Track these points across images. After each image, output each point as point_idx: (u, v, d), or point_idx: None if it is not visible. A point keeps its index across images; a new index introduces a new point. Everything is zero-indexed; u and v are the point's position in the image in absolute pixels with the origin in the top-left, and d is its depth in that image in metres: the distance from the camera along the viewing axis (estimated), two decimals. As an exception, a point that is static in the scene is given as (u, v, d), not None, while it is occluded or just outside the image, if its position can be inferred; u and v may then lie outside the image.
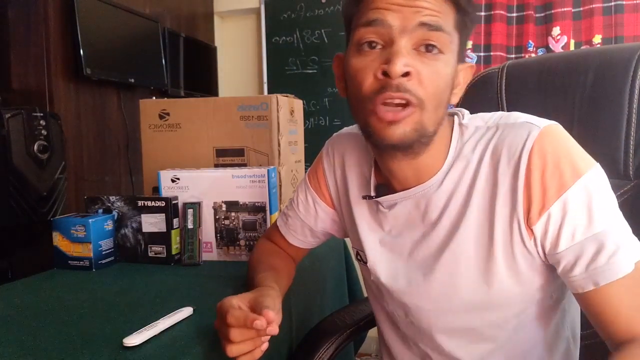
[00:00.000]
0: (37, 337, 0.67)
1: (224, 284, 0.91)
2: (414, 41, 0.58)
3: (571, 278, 0.58)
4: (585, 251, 0.57)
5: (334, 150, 0.82)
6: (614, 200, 0.59)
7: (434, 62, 0.58)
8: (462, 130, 0.66)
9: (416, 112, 0.58)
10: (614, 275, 0.55)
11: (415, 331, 0.74)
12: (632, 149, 0.79)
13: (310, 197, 0.85)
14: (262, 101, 1.21)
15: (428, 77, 0.58)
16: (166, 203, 1.04)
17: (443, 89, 0.60)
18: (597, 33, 2.33)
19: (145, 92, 2.26)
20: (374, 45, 0.59)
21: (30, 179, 1.18)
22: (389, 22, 0.57)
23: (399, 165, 0.66)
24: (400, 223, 0.71)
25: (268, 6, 2.94)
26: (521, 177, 0.59)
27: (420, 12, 0.57)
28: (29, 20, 1.76)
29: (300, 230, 0.88)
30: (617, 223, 0.57)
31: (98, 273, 1.00)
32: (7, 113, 1.15)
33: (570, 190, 0.57)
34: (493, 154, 0.63)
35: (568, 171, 0.57)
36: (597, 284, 0.56)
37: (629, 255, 0.55)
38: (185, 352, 0.63)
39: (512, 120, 0.64)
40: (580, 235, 0.57)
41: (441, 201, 0.66)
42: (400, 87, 0.57)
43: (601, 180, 0.58)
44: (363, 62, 0.60)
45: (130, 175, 2.15)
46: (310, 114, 2.90)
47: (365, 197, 0.74)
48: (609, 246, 0.55)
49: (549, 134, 0.60)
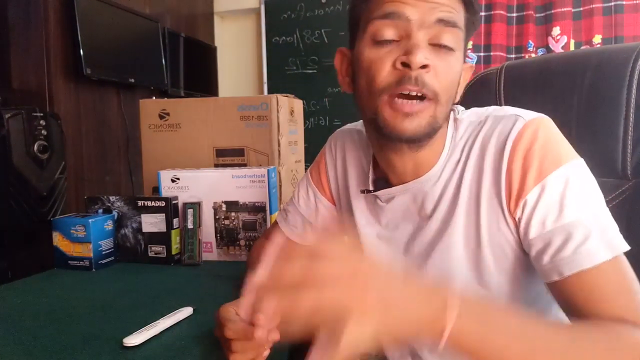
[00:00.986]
0: (37, 337, 0.68)
1: (224, 284, 0.91)
2: (430, 36, 0.59)
3: (540, 266, 0.58)
4: (553, 241, 0.56)
5: (337, 145, 0.83)
6: (595, 193, 0.58)
7: (447, 57, 0.59)
8: (457, 125, 0.68)
9: (431, 105, 0.59)
10: (577, 266, 0.54)
11: None
12: (630, 148, 0.79)
13: (311, 191, 0.86)
14: (262, 101, 1.21)
15: (443, 71, 0.59)
16: (166, 203, 1.04)
17: (454, 84, 0.62)
18: (597, 33, 2.33)
19: (145, 92, 2.26)
20: (389, 40, 0.59)
21: (30, 179, 1.18)
22: (407, 15, 0.58)
23: (401, 159, 0.66)
24: (397, 216, 0.71)
25: (268, 6, 2.94)
26: (504, 165, 0.60)
27: (437, 7, 0.58)
28: (29, 20, 1.76)
29: (300, 225, 0.88)
30: (594, 215, 0.56)
31: (98, 273, 1.00)
32: (7, 113, 1.15)
33: (547, 179, 0.57)
34: (481, 145, 0.64)
35: (548, 160, 0.57)
36: (561, 274, 0.55)
37: (599, 247, 0.54)
38: (185, 352, 0.63)
39: (502, 113, 0.65)
40: (550, 224, 0.57)
41: (436, 194, 0.67)
42: (418, 80, 0.57)
43: (582, 173, 0.58)
44: (379, 54, 0.60)
45: (130, 175, 2.15)
46: (310, 114, 2.90)
47: (363, 191, 0.75)
48: (577, 237, 0.55)
49: (533, 124, 0.60)
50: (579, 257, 0.54)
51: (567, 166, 0.57)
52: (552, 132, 0.60)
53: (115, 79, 2.02)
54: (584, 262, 0.54)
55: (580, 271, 0.54)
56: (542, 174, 0.57)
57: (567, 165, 0.57)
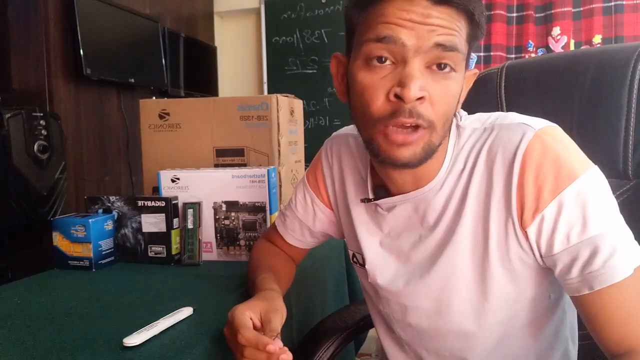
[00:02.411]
0: (37, 337, 0.67)
1: (224, 284, 0.91)
2: (427, 60, 0.56)
3: (567, 281, 0.58)
4: (580, 254, 0.56)
5: (332, 150, 0.82)
6: (613, 203, 0.58)
7: (445, 81, 0.57)
8: (460, 133, 0.66)
9: (426, 133, 0.58)
10: (609, 279, 0.54)
11: (412, 333, 0.74)
12: (631, 148, 0.79)
13: (308, 196, 0.85)
14: (262, 101, 1.21)
15: (439, 97, 0.57)
16: (166, 203, 1.04)
17: (452, 106, 0.60)
18: (597, 33, 2.33)
19: (145, 92, 2.26)
20: (384, 59, 0.56)
21: (30, 179, 1.18)
22: (403, 40, 0.54)
23: (400, 175, 0.65)
24: (399, 225, 0.70)
25: (268, 6, 2.94)
26: (515, 178, 0.59)
27: (435, 30, 0.54)
28: (29, 20, 1.76)
29: (299, 230, 0.88)
30: (615, 227, 0.56)
31: (98, 273, 1.00)
32: (7, 113, 1.15)
33: (564, 192, 0.56)
34: (488, 156, 0.62)
35: (563, 173, 0.56)
36: (591, 287, 0.55)
37: (626, 259, 0.55)
38: (185, 352, 0.63)
39: (509, 121, 0.63)
40: (575, 238, 0.56)
41: (439, 205, 0.66)
42: (413, 112, 0.55)
43: (599, 182, 0.58)
44: (373, 80, 0.57)
45: (130, 175, 2.15)
46: (310, 114, 2.90)
47: (363, 200, 0.74)
48: (605, 250, 0.55)
49: (544, 135, 0.59)
50: (609, 270, 0.55)
51: (584, 177, 0.56)
52: (563, 142, 0.59)
53: (115, 79, 2.02)
54: (615, 276, 0.54)
55: (611, 284, 0.55)
56: (559, 187, 0.56)
57: (583, 177, 0.56)
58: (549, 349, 0.70)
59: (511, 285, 0.63)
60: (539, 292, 0.65)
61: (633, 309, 0.55)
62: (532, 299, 0.65)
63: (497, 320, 0.66)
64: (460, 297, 0.65)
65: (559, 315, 0.70)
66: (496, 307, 0.65)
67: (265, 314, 0.64)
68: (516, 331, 0.68)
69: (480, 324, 0.66)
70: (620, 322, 0.55)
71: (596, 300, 0.56)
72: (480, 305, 0.65)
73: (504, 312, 0.65)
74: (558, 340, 0.70)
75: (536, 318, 0.67)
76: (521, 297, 0.65)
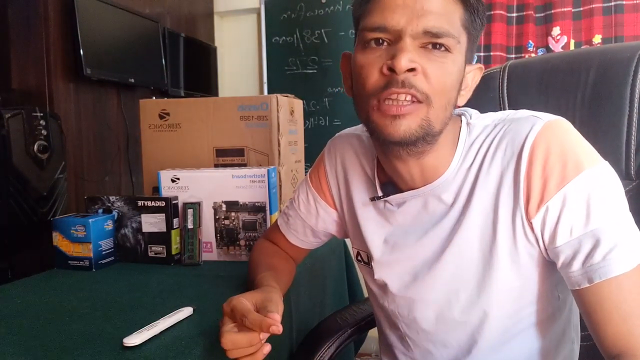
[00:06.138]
0: (37, 337, 0.67)
1: (224, 284, 0.91)
2: (420, 42, 0.58)
3: (569, 274, 0.58)
4: (582, 247, 0.56)
5: (336, 151, 0.82)
6: (620, 199, 0.58)
7: (440, 59, 0.58)
8: (470, 130, 0.66)
9: (422, 107, 0.58)
10: (607, 272, 0.54)
11: (417, 329, 0.73)
12: (634, 148, 0.79)
13: (311, 196, 0.85)
14: (262, 101, 1.21)
15: (434, 73, 0.58)
16: (166, 203, 1.04)
17: (450, 87, 0.60)
18: (597, 33, 2.33)
19: (145, 92, 2.26)
20: (381, 41, 0.59)
21: (30, 179, 1.18)
22: (394, 25, 0.57)
23: (405, 165, 0.65)
24: (408, 220, 0.71)
25: (268, 6, 2.93)
26: (522, 169, 0.59)
27: (425, 16, 0.56)
28: (29, 20, 1.76)
29: (301, 229, 0.88)
30: (620, 222, 0.56)
31: (98, 273, 1.00)
32: (7, 113, 1.15)
33: (570, 184, 0.56)
34: (497, 147, 0.63)
35: (570, 165, 0.57)
36: (591, 280, 0.55)
37: (626, 255, 0.55)
38: (185, 352, 0.63)
39: (519, 115, 0.64)
40: (578, 231, 0.56)
41: (449, 199, 0.66)
42: (405, 83, 0.56)
43: (606, 177, 0.58)
44: (369, 59, 0.59)
45: (130, 175, 2.14)
46: (310, 114, 2.89)
47: (373, 199, 0.74)
48: (605, 243, 0.55)
49: (553, 126, 0.59)
50: (608, 263, 0.54)
51: (590, 171, 0.56)
52: (572, 135, 0.59)
53: (115, 79, 2.01)
54: (614, 269, 0.54)
55: (609, 278, 0.54)
56: (565, 180, 0.56)
57: (589, 171, 0.56)
58: (554, 348, 0.70)
59: (516, 278, 0.63)
60: (543, 290, 0.65)
61: (631, 307, 0.55)
62: (538, 297, 0.65)
63: (502, 314, 0.66)
64: (468, 287, 0.66)
65: (566, 315, 0.70)
66: (501, 299, 0.65)
67: (262, 302, 0.63)
68: (523, 329, 0.68)
69: (485, 314, 0.66)
70: (617, 320, 0.55)
71: (595, 295, 0.56)
72: (486, 295, 0.65)
73: (508, 305, 0.65)
74: (564, 340, 0.71)
75: (545, 318, 0.67)
76: (526, 293, 0.65)
